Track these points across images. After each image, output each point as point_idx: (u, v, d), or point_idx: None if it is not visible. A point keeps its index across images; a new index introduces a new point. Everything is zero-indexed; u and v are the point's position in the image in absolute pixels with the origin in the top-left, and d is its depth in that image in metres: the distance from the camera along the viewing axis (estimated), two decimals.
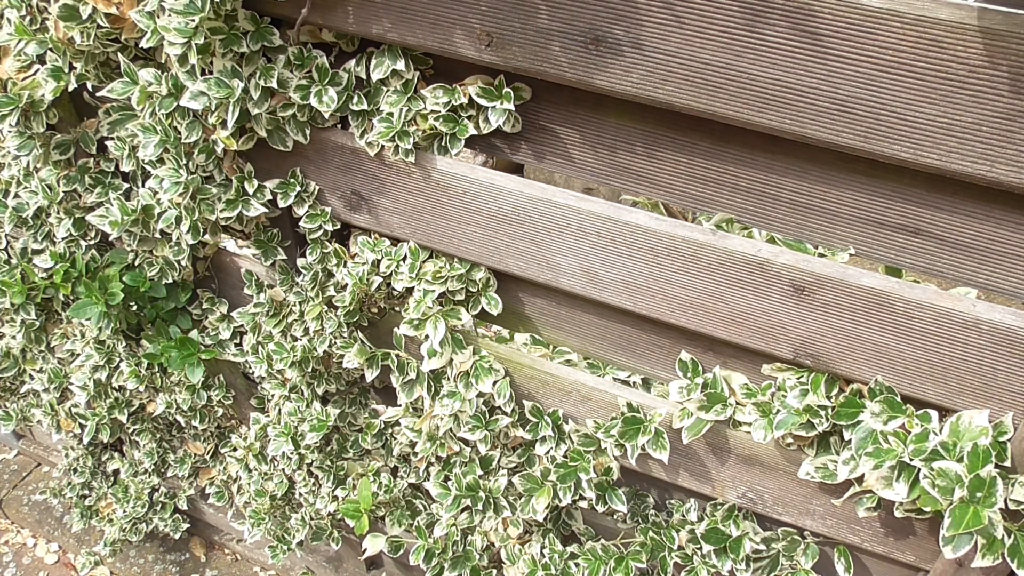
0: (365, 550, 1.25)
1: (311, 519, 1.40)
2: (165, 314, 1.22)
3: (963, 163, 0.63)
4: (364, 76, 0.85)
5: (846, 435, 0.80)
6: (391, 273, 0.98)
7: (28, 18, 0.91)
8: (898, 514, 0.80)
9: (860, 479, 0.80)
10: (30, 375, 1.43)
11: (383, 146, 0.87)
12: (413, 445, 1.16)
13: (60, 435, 1.49)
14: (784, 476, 0.91)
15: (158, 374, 1.30)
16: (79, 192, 1.10)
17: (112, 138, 1.00)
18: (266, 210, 0.98)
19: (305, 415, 1.20)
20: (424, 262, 0.97)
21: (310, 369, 1.13)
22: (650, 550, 1.06)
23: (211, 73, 0.84)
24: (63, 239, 1.16)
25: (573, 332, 0.98)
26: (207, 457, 1.52)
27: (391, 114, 0.84)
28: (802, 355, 0.81)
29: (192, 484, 1.61)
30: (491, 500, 1.10)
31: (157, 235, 1.08)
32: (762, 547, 0.99)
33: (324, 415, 1.20)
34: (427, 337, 0.97)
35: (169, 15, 0.78)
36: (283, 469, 1.34)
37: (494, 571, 1.21)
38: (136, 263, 1.14)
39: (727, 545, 0.99)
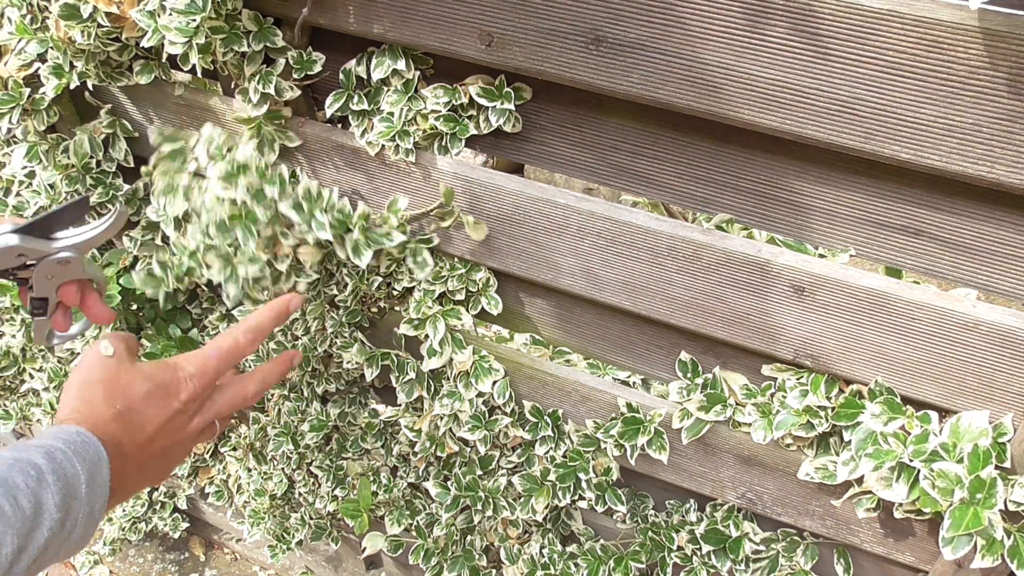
0: (364, 549, 1.25)
1: (311, 518, 1.40)
2: (165, 313, 1.22)
3: (963, 164, 0.63)
4: (365, 76, 0.85)
5: (846, 436, 0.80)
6: (391, 273, 0.98)
7: (29, 17, 0.91)
8: (897, 515, 0.80)
9: (860, 480, 0.80)
10: (30, 374, 1.43)
11: (383, 146, 0.87)
12: (412, 445, 1.16)
13: None
14: (784, 477, 0.91)
15: None
16: (80, 192, 1.10)
17: None
18: None
19: (305, 414, 1.20)
20: None
21: (310, 368, 1.13)
22: (649, 550, 1.06)
23: None
24: None
25: (573, 332, 0.98)
26: (206, 456, 1.52)
27: (392, 114, 0.84)
28: (802, 356, 0.81)
29: (191, 483, 1.61)
30: (490, 500, 1.10)
31: (159, 241, 1.08)
32: (761, 548, 0.99)
33: (324, 415, 1.20)
34: (427, 337, 0.97)
35: (170, 14, 0.78)
36: (283, 468, 1.34)
37: (493, 571, 1.21)
38: (136, 267, 1.14)
39: (726, 546, 0.99)
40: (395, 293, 1.02)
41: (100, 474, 0.61)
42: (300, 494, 1.35)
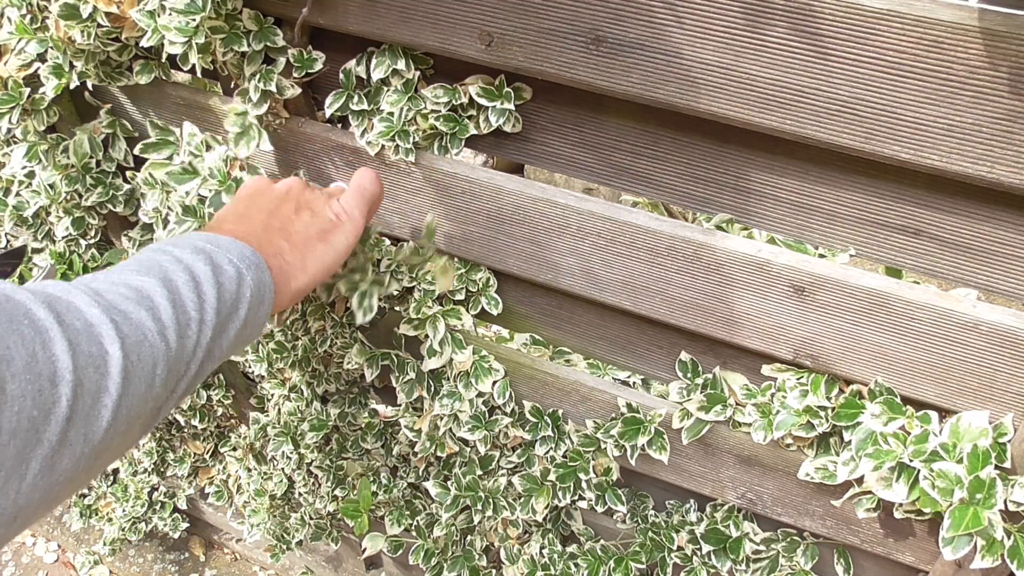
0: (365, 550, 1.25)
1: (311, 519, 1.40)
2: None
3: (963, 164, 0.63)
4: (365, 76, 0.85)
5: (846, 436, 0.80)
6: (391, 273, 0.98)
7: (29, 17, 0.91)
8: (898, 515, 0.80)
9: (860, 480, 0.80)
10: None
11: (383, 145, 0.87)
12: (412, 445, 1.16)
13: None
14: (784, 477, 0.91)
15: None
16: (80, 192, 1.10)
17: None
18: None
19: (305, 415, 1.20)
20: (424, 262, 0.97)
21: (310, 368, 1.13)
22: (649, 551, 1.06)
23: None
24: (63, 238, 1.16)
25: (573, 332, 0.98)
26: (206, 456, 1.52)
27: (391, 113, 0.84)
28: (802, 356, 0.81)
29: (192, 483, 1.61)
30: (490, 500, 1.10)
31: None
32: (761, 548, 0.99)
33: (324, 415, 1.20)
34: (427, 337, 0.97)
35: (170, 14, 0.78)
36: (283, 469, 1.34)
37: (493, 571, 1.21)
38: None
39: (727, 546, 0.99)
40: (395, 293, 1.02)
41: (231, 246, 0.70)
42: (300, 494, 1.35)
